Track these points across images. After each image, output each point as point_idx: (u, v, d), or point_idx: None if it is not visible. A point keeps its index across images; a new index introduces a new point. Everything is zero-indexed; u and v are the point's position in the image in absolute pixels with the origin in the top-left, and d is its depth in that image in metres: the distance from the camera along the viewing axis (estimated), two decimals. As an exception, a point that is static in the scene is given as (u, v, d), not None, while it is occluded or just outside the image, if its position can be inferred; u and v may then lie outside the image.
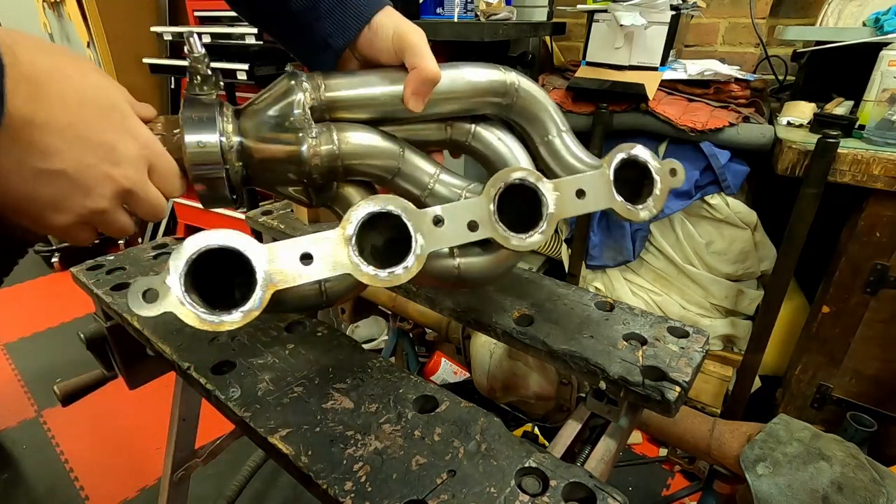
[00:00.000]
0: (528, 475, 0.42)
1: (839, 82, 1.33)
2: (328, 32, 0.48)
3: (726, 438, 0.73)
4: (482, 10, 1.42)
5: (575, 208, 0.49)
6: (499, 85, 0.52)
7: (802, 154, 1.08)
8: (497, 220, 0.46)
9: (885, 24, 1.14)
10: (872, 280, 1.10)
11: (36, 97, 0.30)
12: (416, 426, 0.47)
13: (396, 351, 1.49)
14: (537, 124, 0.55)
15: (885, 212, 1.05)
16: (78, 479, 1.50)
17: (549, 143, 0.55)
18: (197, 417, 1.01)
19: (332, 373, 0.54)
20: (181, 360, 0.56)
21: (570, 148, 0.55)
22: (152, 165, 0.38)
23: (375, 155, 0.49)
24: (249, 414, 0.49)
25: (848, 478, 0.63)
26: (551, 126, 0.55)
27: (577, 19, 1.90)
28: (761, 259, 1.40)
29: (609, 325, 0.63)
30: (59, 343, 2.00)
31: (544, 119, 0.55)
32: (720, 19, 1.75)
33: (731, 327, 1.47)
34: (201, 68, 0.45)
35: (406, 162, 0.51)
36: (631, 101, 1.35)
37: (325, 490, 0.41)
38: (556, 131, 0.55)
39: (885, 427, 1.15)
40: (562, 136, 0.55)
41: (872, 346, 1.16)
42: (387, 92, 0.48)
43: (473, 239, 0.45)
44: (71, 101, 0.32)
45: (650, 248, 1.49)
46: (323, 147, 0.46)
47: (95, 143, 0.33)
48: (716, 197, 1.33)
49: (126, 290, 0.71)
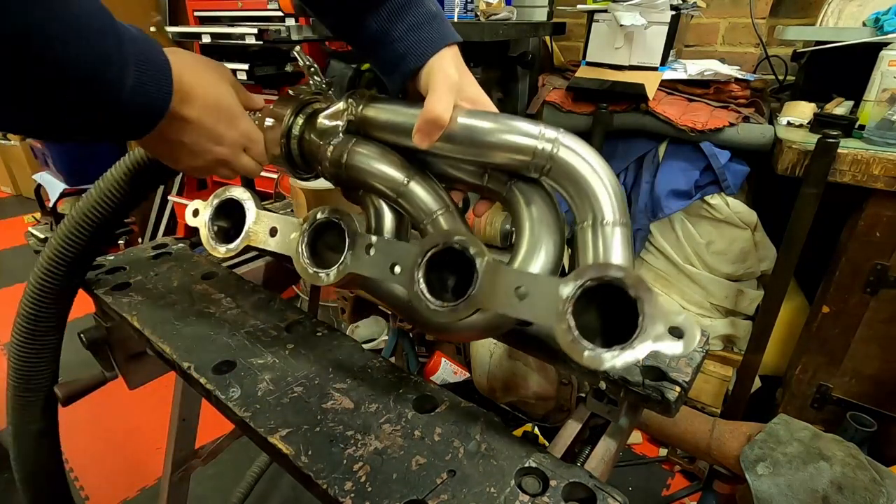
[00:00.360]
0: (528, 475, 0.42)
1: (839, 82, 1.33)
2: (398, 55, 0.54)
3: (726, 438, 0.73)
4: (482, 10, 1.42)
5: (506, 305, 0.41)
6: (526, 149, 0.47)
7: (802, 154, 1.08)
8: (419, 275, 0.45)
9: (885, 24, 1.14)
10: (872, 280, 1.10)
11: (184, 98, 0.46)
12: (416, 426, 0.47)
13: (396, 351, 1.49)
14: (574, 204, 0.48)
15: (885, 212, 1.05)
16: (78, 479, 1.50)
17: (583, 231, 0.47)
18: (197, 417, 1.01)
19: (332, 373, 0.54)
20: (181, 360, 0.56)
21: (599, 246, 0.46)
22: (246, 147, 0.55)
23: (374, 175, 0.54)
24: (249, 414, 0.49)
25: (848, 478, 0.63)
26: (587, 212, 0.46)
27: (577, 19, 1.90)
28: (761, 259, 1.40)
29: (609, 325, 0.63)
30: None
31: (581, 201, 0.47)
32: (720, 19, 1.75)
33: (731, 327, 1.47)
34: (308, 75, 0.62)
35: (410, 191, 0.54)
36: (631, 101, 1.35)
37: (325, 490, 0.41)
38: (591, 219, 0.46)
39: (885, 427, 1.15)
40: (598, 229, 0.46)
41: (872, 346, 1.16)
42: (408, 123, 0.51)
43: (394, 281, 0.47)
44: (200, 103, 0.48)
45: (650, 248, 1.49)
46: (333, 154, 0.55)
47: (209, 130, 0.50)
48: (716, 197, 1.33)
49: (126, 289, 0.71)
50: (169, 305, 0.67)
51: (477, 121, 0.49)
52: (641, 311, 0.37)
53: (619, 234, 0.45)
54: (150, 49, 0.42)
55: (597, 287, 0.39)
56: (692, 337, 0.36)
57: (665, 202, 1.34)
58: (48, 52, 0.34)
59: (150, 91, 0.42)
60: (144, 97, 0.42)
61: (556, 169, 0.47)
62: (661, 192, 1.35)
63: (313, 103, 0.60)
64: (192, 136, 0.50)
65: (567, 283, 0.40)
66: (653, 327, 0.36)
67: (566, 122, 1.44)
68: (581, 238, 0.47)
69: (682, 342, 0.36)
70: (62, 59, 0.35)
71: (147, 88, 0.42)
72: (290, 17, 1.86)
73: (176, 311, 0.65)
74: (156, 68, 0.43)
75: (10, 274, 2.63)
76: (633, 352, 0.36)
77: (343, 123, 0.55)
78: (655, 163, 1.39)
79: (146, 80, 0.42)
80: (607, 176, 0.47)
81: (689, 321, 0.36)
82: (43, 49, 0.33)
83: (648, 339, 0.36)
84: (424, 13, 0.53)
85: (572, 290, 0.39)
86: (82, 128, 0.41)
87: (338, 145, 0.55)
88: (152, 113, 0.44)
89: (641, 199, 1.40)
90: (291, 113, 0.58)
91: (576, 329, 0.38)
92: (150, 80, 0.42)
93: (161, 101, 0.44)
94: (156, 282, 0.73)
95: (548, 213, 0.51)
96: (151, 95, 0.42)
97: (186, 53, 0.49)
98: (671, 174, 1.34)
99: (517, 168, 0.50)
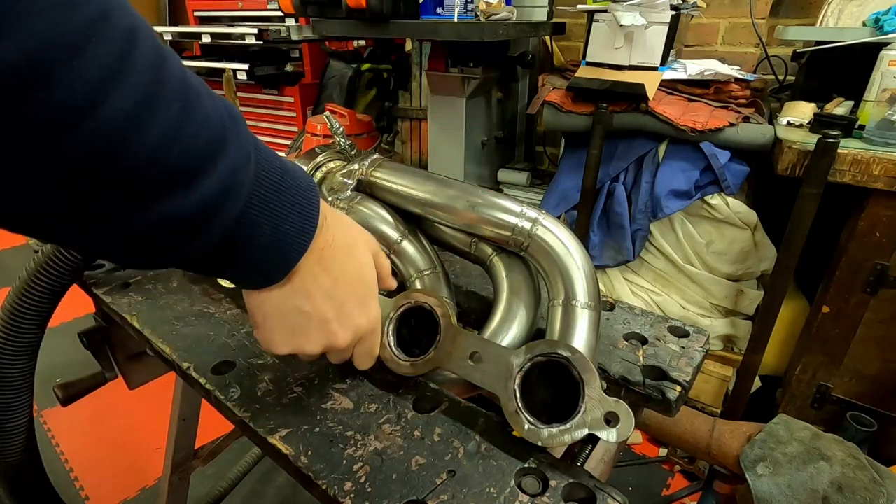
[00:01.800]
0: (527, 475, 0.42)
1: (839, 82, 1.33)
2: None
3: (726, 438, 0.73)
4: (482, 10, 1.42)
5: (461, 368, 0.44)
6: (505, 225, 0.51)
7: (802, 154, 1.08)
8: (390, 328, 0.49)
9: (885, 24, 1.14)
10: (872, 280, 1.10)
11: (320, 257, 0.39)
12: (415, 426, 0.47)
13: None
14: (548, 281, 0.50)
15: (885, 212, 1.05)
16: (78, 479, 1.50)
17: (553, 308, 0.49)
18: (197, 417, 1.01)
19: (332, 373, 0.54)
20: (181, 361, 0.56)
21: (566, 325, 0.47)
22: (362, 339, 0.46)
23: (371, 230, 0.57)
24: (249, 414, 0.49)
25: (848, 478, 0.63)
26: (559, 291, 0.49)
27: (577, 19, 1.90)
28: (761, 259, 1.39)
29: (609, 325, 0.63)
30: (59, 343, 2.04)
31: (555, 280, 0.49)
32: (720, 19, 1.75)
33: (731, 327, 1.47)
34: (335, 136, 0.68)
35: (402, 249, 0.60)
36: (631, 101, 1.35)
37: (325, 490, 0.41)
38: (562, 299, 0.49)
39: (885, 427, 1.15)
40: (568, 309, 0.48)
41: (872, 346, 1.16)
42: (404, 191, 0.58)
43: None
44: (337, 270, 0.40)
45: (650, 248, 1.49)
46: (338, 208, 0.61)
47: (340, 304, 0.41)
48: (716, 197, 1.33)
49: (126, 289, 0.71)
50: (169, 305, 0.67)
51: (468, 195, 0.54)
52: (582, 394, 0.39)
53: (587, 317, 0.48)
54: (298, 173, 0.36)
55: (547, 363, 0.42)
56: (627, 426, 0.38)
57: (665, 202, 1.34)
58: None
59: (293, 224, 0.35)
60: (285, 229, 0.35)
61: (533, 246, 0.51)
62: (661, 192, 1.35)
63: (331, 161, 0.69)
64: (318, 306, 0.40)
65: (518, 355, 0.42)
66: (591, 411, 0.39)
67: (566, 122, 1.44)
68: (551, 314, 0.49)
69: (616, 430, 0.38)
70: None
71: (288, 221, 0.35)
72: (290, 17, 1.86)
73: (176, 311, 0.65)
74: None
75: (10, 274, 2.63)
76: (570, 434, 0.39)
77: (353, 182, 0.62)
78: (655, 163, 1.39)
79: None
80: (582, 259, 0.50)
81: (624, 409, 0.39)
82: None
83: (584, 426, 0.39)
84: None
85: (522, 362, 0.42)
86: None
87: (343, 200, 0.61)
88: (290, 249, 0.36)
89: (641, 199, 1.40)
90: (313, 167, 0.67)
91: (519, 400, 0.41)
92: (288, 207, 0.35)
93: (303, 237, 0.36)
94: (155, 282, 0.73)
95: (525, 286, 0.55)
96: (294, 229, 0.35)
97: (334, 210, 0.42)
98: (671, 174, 1.34)
99: (499, 241, 0.54)
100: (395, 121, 2.31)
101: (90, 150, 0.23)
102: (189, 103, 0.27)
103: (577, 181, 1.46)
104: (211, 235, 0.31)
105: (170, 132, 0.26)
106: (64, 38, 0.21)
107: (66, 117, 0.22)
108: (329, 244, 0.39)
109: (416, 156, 2.22)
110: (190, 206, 0.28)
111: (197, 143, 0.28)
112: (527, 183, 1.89)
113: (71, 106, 0.22)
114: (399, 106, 2.23)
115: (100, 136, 0.23)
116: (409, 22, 1.46)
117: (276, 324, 0.41)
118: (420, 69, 2.06)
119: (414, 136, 2.20)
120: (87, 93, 0.22)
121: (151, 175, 0.26)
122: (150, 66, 0.25)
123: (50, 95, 0.21)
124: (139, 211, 0.27)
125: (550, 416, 0.40)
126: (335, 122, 0.70)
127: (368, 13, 1.41)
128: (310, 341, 0.42)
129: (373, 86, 2.46)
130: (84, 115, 0.23)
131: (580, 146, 1.47)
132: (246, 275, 0.36)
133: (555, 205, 1.56)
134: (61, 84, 0.21)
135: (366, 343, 0.46)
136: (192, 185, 0.28)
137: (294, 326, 0.41)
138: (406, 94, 2.20)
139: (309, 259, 0.38)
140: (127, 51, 0.24)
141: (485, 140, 1.86)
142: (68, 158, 0.23)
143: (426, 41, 1.87)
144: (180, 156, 0.27)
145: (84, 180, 0.24)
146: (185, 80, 0.28)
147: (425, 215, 0.58)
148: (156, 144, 0.25)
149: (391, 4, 1.41)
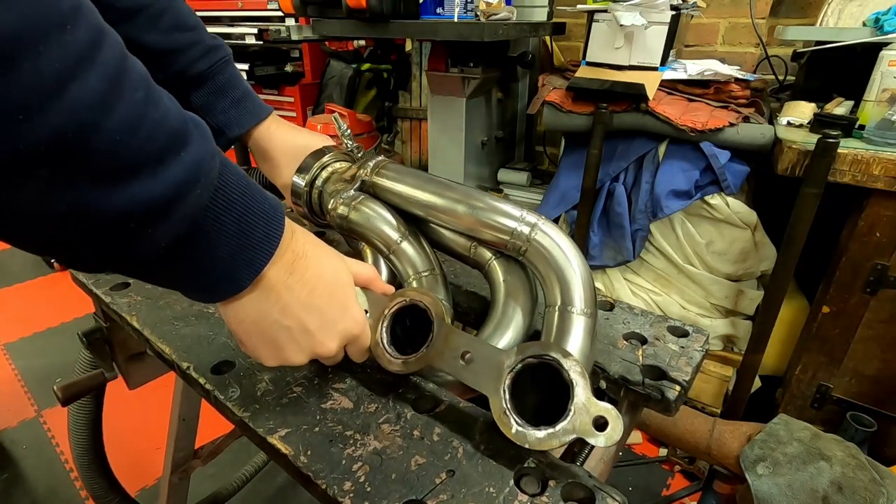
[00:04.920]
0: (527, 475, 0.42)
1: (839, 82, 1.33)
2: (221, 126, 0.67)
3: (726, 438, 0.73)
4: (482, 10, 1.42)
5: (452, 367, 0.44)
6: (503, 229, 0.52)
7: (802, 154, 1.08)
8: (383, 325, 0.49)
9: (885, 24, 1.14)
10: (872, 280, 1.10)
11: (291, 269, 0.39)
12: (415, 426, 0.47)
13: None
14: (546, 286, 0.50)
15: (885, 212, 1.05)
16: (78, 479, 1.50)
17: (549, 313, 0.49)
18: (197, 417, 1.01)
19: (332, 373, 0.54)
20: (181, 360, 0.56)
21: (561, 330, 0.47)
22: (350, 341, 0.46)
23: (371, 231, 0.60)
24: (249, 414, 0.49)
25: (848, 478, 0.63)
26: (556, 296, 0.49)
27: (577, 19, 1.90)
28: (761, 259, 1.39)
29: (609, 325, 0.63)
30: (59, 343, 1.99)
31: (552, 285, 0.49)
32: (720, 19, 1.75)
33: (731, 327, 1.47)
34: (342, 138, 0.70)
35: (401, 249, 0.60)
36: (631, 101, 1.35)
37: (325, 490, 0.41)
38: (559, 304, 0.49)
39: (885, 427, 1.15)
40: (564, 314, 0.48)
41: (872, 346, 1.16)
42: (405, 193, 0.59)
43: None
44: (311, 278, 0.40)
45: (650, 248, 1.49)
46: (340, 208, 0.62)
47: (320, 313, 0.42)
48: (716, 197, 1.33)
49: (126, 289, 0.71)
50: (169, 305, 0.67)
51: (458, 195, 0.55)
52: (572, 397, 0.39)
53: (582, 323, 0.48)
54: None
55: (538, 365, 0.41)
56: (615, 431, 0.37)
57: (665, 202, 1.34)
58: None
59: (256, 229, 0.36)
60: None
61: (531, 251, 0.51)
62: (661, 192, 1.35)
63: (337, 162, 0.69)
64: (298, 316, 0.40)
65: (510, 356, 0.42)
66: (580, 415, 0.38)
67: (566, 122, 1.44)
68: (547, 319, 0.49)
69: (605, 435, 0.37)
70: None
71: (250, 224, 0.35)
72: (290, 17, 1.86)
73: (175, 311, 0.65)
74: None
75: (11, 274, 2.63)
76: (557, 438, 0.38)
77: (356, 183, 0.63)
78: (655, 163, 1.39)
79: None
80: (580, 266, 0.49)
81: (614, 414, 0.38)
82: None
83: (573, 431, 0.38)
84: (241, 93, 0.68)
85: (513, 363, 0.41)
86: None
87: (346, 199, 0.62)
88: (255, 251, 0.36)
89: (641, 199, 1.40)
90: (319, 167, 0.67)
91: (508, 402, 0.41)
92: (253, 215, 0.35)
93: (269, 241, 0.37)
94: (155, 282, 0.73)
95: (522, 290, 0.55)
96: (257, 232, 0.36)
97: (299, 227, 0.42)
98: (671, 174, 1.34)
99: (497, 245, 0.54)
100: (395, 121, 2.31)
101: (61, 128, 0.24)
102: (152, 92, 0.29)
103: (577, 181, 1.46)
104: (176, 223, 0.31)
105: (136, 116, 0.27)
106: (50, 18, 0.23)
107: (37, 98, 0.23)
108: (299, 256, 0.40)
109: (416, 156, 2.22)
110: (158, 189, 0.29)
111: (162, 129, 0.29)
112: (527, 183, 1.89)
113: (41, 87, 0.23)
114: (399, 106, 2.23)
115: (71, 116, 0.24)
116: (409, 22, 1.46)
117: (259, 340, 0.41)
118: (420, 69, 2.06)
119: (414, 136, 2.20)
120: (60, 73, 0.24)
121: (121, 156, 0.27)
122: (118, 56, 0.27)
123: (35, 65, 0.23)
124: (107, 196, 0.27)
125: (541, 419, 0.40)
126: (343, 125, 0.70)
127: (368, 13, 1.41)
128: (296, 353, 0.42)
129: (373, 86, 2.46)
130: (55, 95, 0.24)
131: (580, 146, 1.47)
132: (211, 280, 0.36)
133: (555, 205, 1.56)
134: (36, 65, 0.23)
135: (356, 343, 0.47)
136: (156, 170, 0.29)
137: (277, 341, 0.41)
138: (406, 94, 2.20)
139: (279, 269, 0.38)
140: (98, 39, 0.26)
141: (485, 140, 1.86)
142: (39, 138, 0.24)
143: (426, 41, 1.87)
144: (147, 139, 0.28)
145: (54, 160, 0.25)
146: (145, 76, 0.29)
147: (427, 217, 0.58)
148: (125, 128, 0.27)
149: (391, 4, 1.41)
